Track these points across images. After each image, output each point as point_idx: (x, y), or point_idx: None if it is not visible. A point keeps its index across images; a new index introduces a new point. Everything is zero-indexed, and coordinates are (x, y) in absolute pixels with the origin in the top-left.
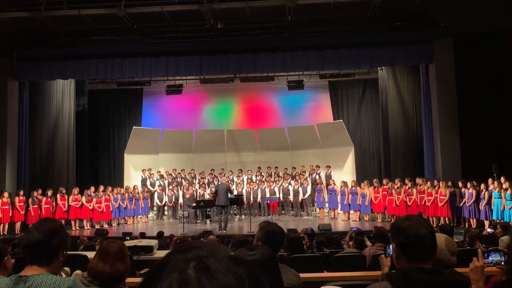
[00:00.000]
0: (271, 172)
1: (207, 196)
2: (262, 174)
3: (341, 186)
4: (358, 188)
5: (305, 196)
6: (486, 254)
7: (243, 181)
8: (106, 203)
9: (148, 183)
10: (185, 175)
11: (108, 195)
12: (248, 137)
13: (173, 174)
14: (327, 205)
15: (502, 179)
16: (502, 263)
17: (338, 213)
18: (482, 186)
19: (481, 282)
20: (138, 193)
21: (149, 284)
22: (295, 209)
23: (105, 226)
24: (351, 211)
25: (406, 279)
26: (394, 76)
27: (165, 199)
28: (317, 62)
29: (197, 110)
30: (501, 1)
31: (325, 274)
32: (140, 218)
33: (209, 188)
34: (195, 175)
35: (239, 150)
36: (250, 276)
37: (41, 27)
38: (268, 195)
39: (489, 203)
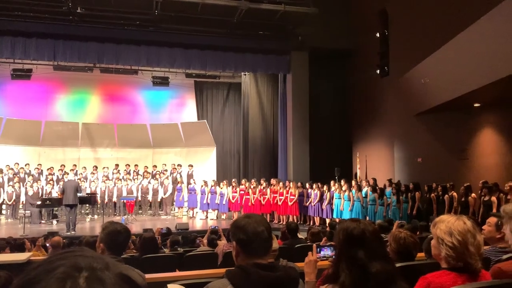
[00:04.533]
0: (130, 170)
1: (55, 194)
2: (120, 171)
3: (202, 186)
4: (217, 187)
5: (165, 195)
6: (319, 249)
7: (98, 179)
8: None
9: None
10: (30, 170)
11: None
12: (106, 132)
13: (15, 169)
14: (186, 204)
15: (342, 182)
16: (333, 257)
17: (196, 212)
18: (325, 187)
19: (313, 275)
20: None
21: None
22: (153, 209)
23: None
24: (210, 210)
25: (244, 275)
26: (256, 82)
27: (4, 196)
28: (183, 60)
29: (48, 99)
30: (351, 25)
31: (176, 273)
32: None
33: (58, 186)
34: (42, 170)
35: (95, 146)
36: None
37: None
38: (125, 193)
39: (330, 203)
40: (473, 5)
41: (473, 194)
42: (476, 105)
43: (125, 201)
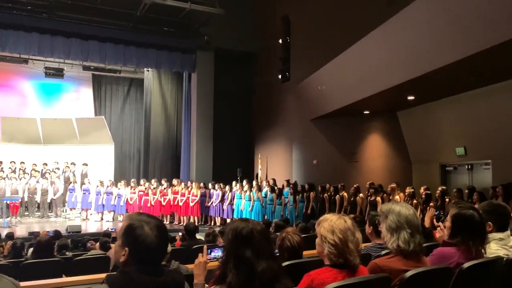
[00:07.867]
0: (15, 168)
1: None
2: (4, 169)
3: (97, 186)
4: (114, 187)
5: (56, 196)
6: (209, 251)
7: None
8: None
9: None
10: None
11: None
12: None
13: None
14: (79, 205)
15: (244, 182)
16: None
17: (91, 214)
18: (227, 188)
19: (202, 276)
20: None
21: None
22: (42, 210)
23: None
24: (105, 212)
25: (125, 280)
26: (159, 79)
27: None
28: (80, 52)
29: None
30: (256, 29)
31: (61, 279)
32: None
33: None
34: None
35: None
36: None
37: None
38: (8, 194)
39: (231, 203)
40: (367, 19)
41: (361, 194)
42: (365, 112)
43: (8, 202)
